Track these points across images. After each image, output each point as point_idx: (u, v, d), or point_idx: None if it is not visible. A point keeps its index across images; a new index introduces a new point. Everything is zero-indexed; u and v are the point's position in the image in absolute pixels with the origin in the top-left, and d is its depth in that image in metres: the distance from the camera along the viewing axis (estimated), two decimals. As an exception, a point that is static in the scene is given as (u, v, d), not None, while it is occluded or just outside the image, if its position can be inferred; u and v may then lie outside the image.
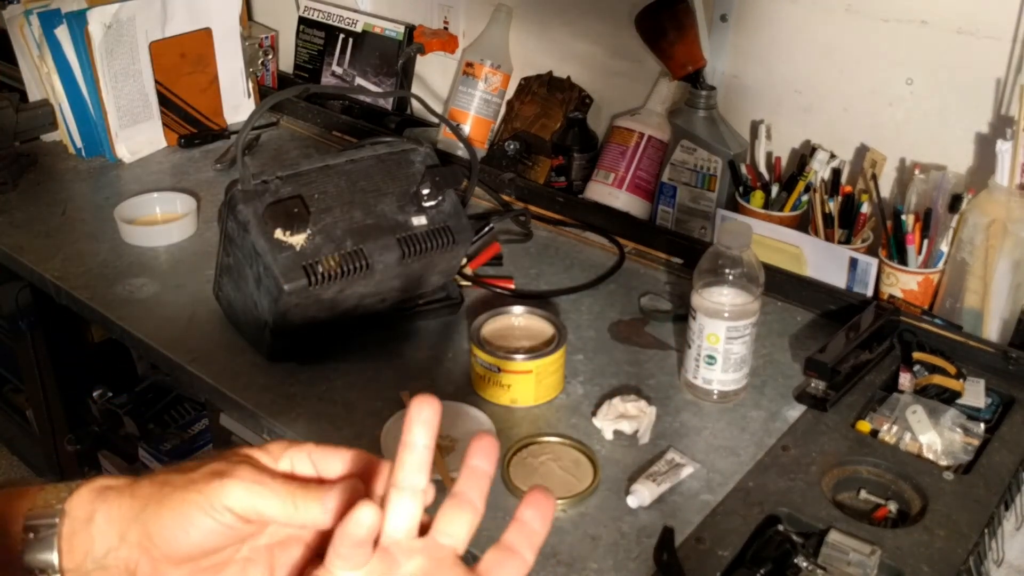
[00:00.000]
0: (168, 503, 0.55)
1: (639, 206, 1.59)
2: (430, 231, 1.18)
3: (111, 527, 0.56)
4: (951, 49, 1.29)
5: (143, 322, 1.28)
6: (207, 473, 0.55)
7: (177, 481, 0.55)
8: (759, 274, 1.10)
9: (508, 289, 1.35)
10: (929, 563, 0.90)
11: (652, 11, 1.50)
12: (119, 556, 0.56)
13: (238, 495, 0.54)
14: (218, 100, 1.88)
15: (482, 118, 1.79)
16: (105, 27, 1.63)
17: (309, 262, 1.10)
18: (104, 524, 0.56)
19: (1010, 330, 1.23)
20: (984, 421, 1.10)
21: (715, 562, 0.91)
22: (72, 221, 1.55)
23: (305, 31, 2.06)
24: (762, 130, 1.48)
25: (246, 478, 0.54)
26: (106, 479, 0.58)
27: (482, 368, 1.12)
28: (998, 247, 1.19)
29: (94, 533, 0.56)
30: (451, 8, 1.85)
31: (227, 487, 0.54)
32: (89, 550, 0.56)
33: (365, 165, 1.20)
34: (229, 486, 0.54)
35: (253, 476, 0.55)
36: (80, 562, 0.56)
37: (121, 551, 0.56)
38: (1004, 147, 1.19)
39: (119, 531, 0.56)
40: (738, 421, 1.11)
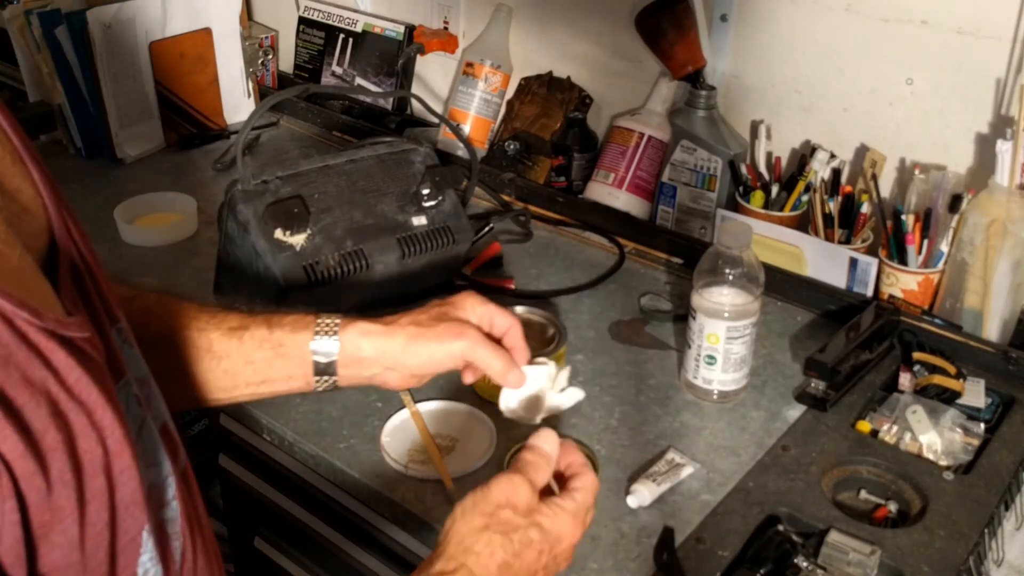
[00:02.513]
0: (423, 348, 0.85)
1: (639, 206, 1.59)
2: (430, 231, 1.18)
3: (376, 358, 0.86)
4: (951, 49, 1.29)
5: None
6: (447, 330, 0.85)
7: (427, 334, 0.85)
8: (759, 274, 1.10)
9: (508, 289, 1.35)
10: (929, 563, 0.90)
11: (652, 11, 1.50)
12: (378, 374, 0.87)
13: (467, 350, 0.85)
14: (218, 100, 1.88)
15: (482, 118, 1.79)
16: (105, 27, 1.63)
17: (309, 262, 1.10)
18: (371, 355, 0.86)
19: (1010, 330, 1.23)
20: (984, 421, 1.10)
21: (715, 562, 0.91)
22: (72, 221, 1.55)
23: (305, 31, 2.06)
24: (762, 130, 1.48)
25: (473, 339, 0.85)
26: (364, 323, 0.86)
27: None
28: (998, 247, 1.19)
29: (362, 359, 0.86)
30: (451, 8, 1.85)
31: (462, 344, 0.85)
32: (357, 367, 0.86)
33: (365, 165, 1.20)
34: (463, 344, 0.85)
35: (477, 338, 0.85)
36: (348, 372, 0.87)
37: (379, 371, 0.87)
38: (1004, 147, 1.19)
39: (381, 361, 0.86)
40: (738, 421, 1.11)
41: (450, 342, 0.85)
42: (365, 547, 1.12)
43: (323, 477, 1.07)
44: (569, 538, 0.74)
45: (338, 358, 0.86)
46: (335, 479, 1.05)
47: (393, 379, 0.88)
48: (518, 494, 0.73)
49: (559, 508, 0.74)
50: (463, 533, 0.72)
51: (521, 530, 0.72)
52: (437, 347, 0.85)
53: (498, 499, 0.73)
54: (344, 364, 0.86)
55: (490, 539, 0.71)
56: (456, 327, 0.86)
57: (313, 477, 1.11)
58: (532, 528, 0.72)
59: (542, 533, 0.72)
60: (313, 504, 1.16)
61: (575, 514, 0.75)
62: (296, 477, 1.15)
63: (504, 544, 0.71)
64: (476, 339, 0.85)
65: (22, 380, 0.47)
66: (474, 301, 0.89)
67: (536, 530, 0.72)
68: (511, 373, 0.86)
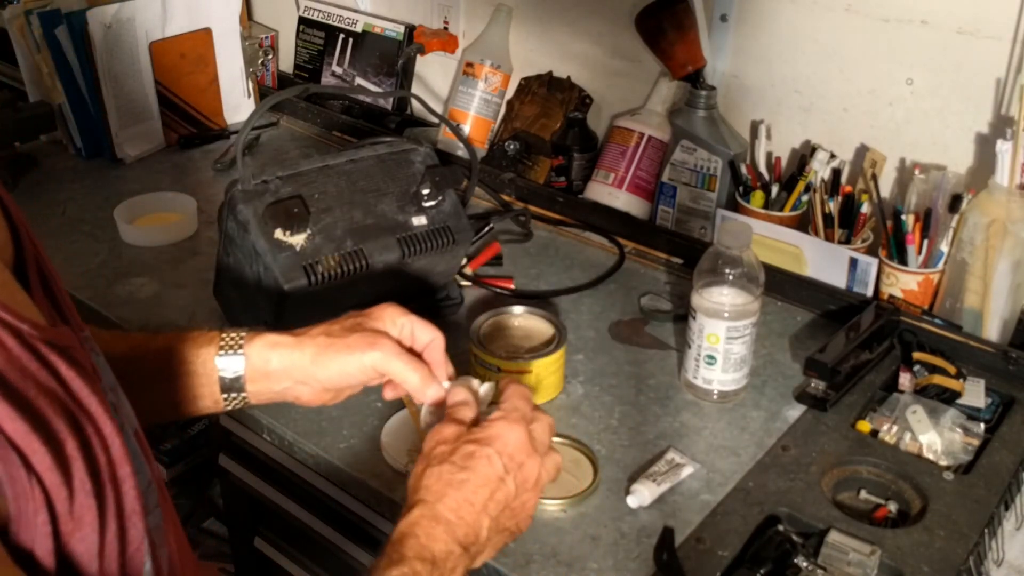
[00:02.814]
0: (333, 359, 0.82)
1: (639, 206, 1.59)
2: (430, 231, 1.18)
3: (284, 371, 0.83)
4: (951, 49, 1.29)
5: (143, 322, 1.28)
6: (359, 340, 0.82)
7: (337, 344, 0.82)
8: (759, 274, 1.10)
9: (508, 289, 1.35)
10: (929, 563, 0.90)
11: (652, 11, 1.50)
12: (288, 388, 0.84)
13: (381, 361, 0.81)
14: (218, 100, 1.88)
15: (482, 118, 1.79)
16: (105, 27, 1.63)
17: (309, 262, 1.10)
18: (279, 368, 0.83)
19: (1010, 330, 1.23)
20: (984, 421, 1.10)
21: (715, 562, 0.91)
22: (72, 221, 1.55)
23: (305, 31, 2.06)
24: (762, 130, 1.48)
25: (388, 350, 0.81)
26: (273, 335, 0.84)
27: (482, 368, 1.12)
28: (998, 247, 1.19)
29: (270, 373, 0.83)
30: (451, 8, 1.85)
31: (375, 355, 0.81)
32: (265, 382, 0.83)
33: (365, 165, 1.20)
34: (377, 354, 0.81)
35: (392, 349, 0.81)
36: (257, 388, 0.84)
37: (290, 385, 0.84)
38: (1004, 147, 1.19)
39: (290, 374, 0.83)
40: (738, 421, 1.11)
41: (362, 352, 0.82)
42: (365, 547, 1.12)
43: (323, 477, 1.07)
44: (510, 435, 0.75)
45: (245, 372, 0.83)
46: (335, 479, 1.05)
47: (305, 394, 0.85)
48: (443, 432, 0.76)
49: (488, 419, 0.77)
50: (411, 485, 0.75)
51: (458, 452, 0.74)
52: (348, 358, 0.82)
53: (429, 445, 0.76)
54: (252, 379, 0.84)
55: (431, 471, 0.74)
56: (369, 337, 0.83)
57: (313, 477, 1.11)
58: (466, 444, 0.74)
59: (479, 443, 0.74)
60: (313, 504, 1.16)
61: (504, 416, 0.77)
62: (296, 477, 1.15)
63: (447, 468, 0.73)
64: (390, 349, 0.82)
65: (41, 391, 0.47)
66: (394, 312, 0.86)
67: (471, 444, 0.74)
68: (429, 387, 0.83)
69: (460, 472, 0.73)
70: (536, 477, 0.77)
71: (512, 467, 0.75)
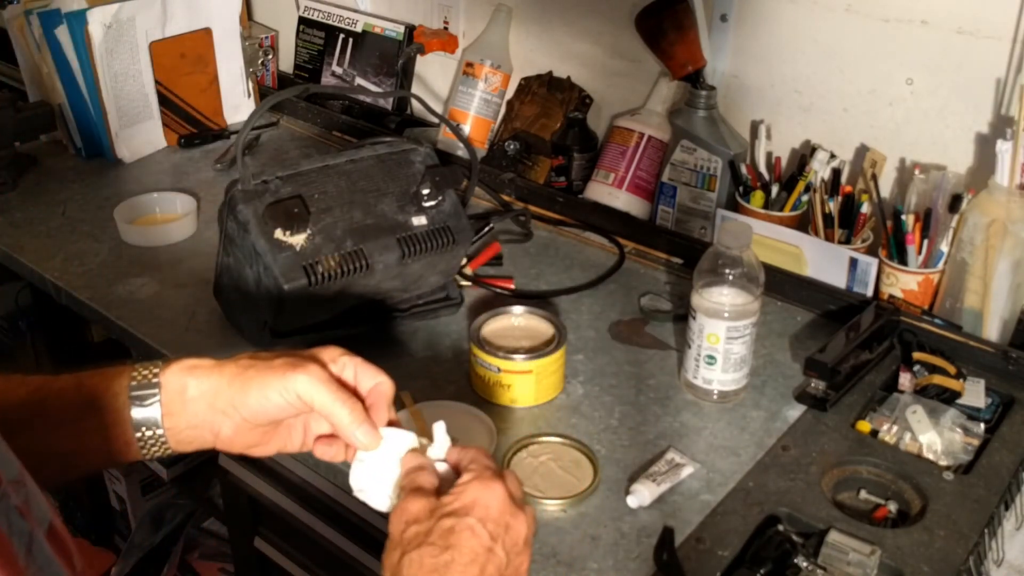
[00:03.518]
0: (253, 382, 0.72)
1: (639, 206, 1.59)
2: (430, 231, 1.18)
3: (203, 397, 0.73)
4: (951, 49, 1.29)
5: (143, 322, 1.28)
6: (285, 363, 0.73)
7: (260, 366, 0.73)
8: (759, 274, 1.10)
9: (508, 289, 1.35)
10: (929, 563, 0.90)
11: (652, 11, 1.50)
12: (208, 421, 0.74)
13: (306, 386, 0.71)
14: (218, 100, 1.88)
15: (482, 118, 1.78)
16: (105, 27, 1.63)
17: (309, 262, 1.10)
18: (196, 394, 0.73)
19: (1010, 330, 1.23)
20: (984, 421, 1.10)
21: (715, 562, 0.91)
22: (72, 221, 1.55)
23: (305, 31, 2.06)
24: (762, 130, 1.48)
25: (315, 375, 0.72)
26: (191, 359, 0.74)
27: (482, 368, 1.12)
28: (998, 247, 1.19)
29: (187, 401, 0.73)
30: (451, 8, 1.85)
31: (299, 378, 0.72)
32: (184, 415, 0.73)
33: (365, 165, 1.20)
34: (301, 378, 0.72)
35: (320, 375, 0.72)
36: (176, 423, 0.73)
37: (209, 416, 0.73)
38: (1004, 147, 1.19)
39: (209, 401, 0.73)
40: (738, 421, 1.11)
41: (285, 375, 0.72)
42: (365, 547, 1.12)
43: (323, 477, 1.07)
44: (490, 497, 0.68)
45: (161, 400, 0.72)
46: (335, 479, 1.05)
47: (227, 427, 0.74)
48: (410, 509, 0.68)
49: (460, 485, 0.69)
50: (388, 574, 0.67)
51: (435, 530, 0.66)
52: (270, 382, 0.72)
53: (398, 527, 0.68)
54: (169, 411, 0.73)
55: (410, 559, 0.66)
56: (296, 361, 0.73)
57: (313, 477, 1.11)
58: (444, 519, 0.67)
59: (456, 515, 0.67)
60: (313, 504, 1.16)
61: (479, 476, 0.69)
62: (296, 477, 1.15)
63: (427, 551, 0.65)
64: (318, 375, 0.72)
65: None
66: (335, 351, 0.77)
67: (448, 518, 0.67)
68: (359, 428, 0.73)
69: (443, 553, 0.65)
70: (525, 536, 0.70)
71: (499, 532, 0.68)
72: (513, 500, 0.70)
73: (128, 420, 0.72)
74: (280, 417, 0.75)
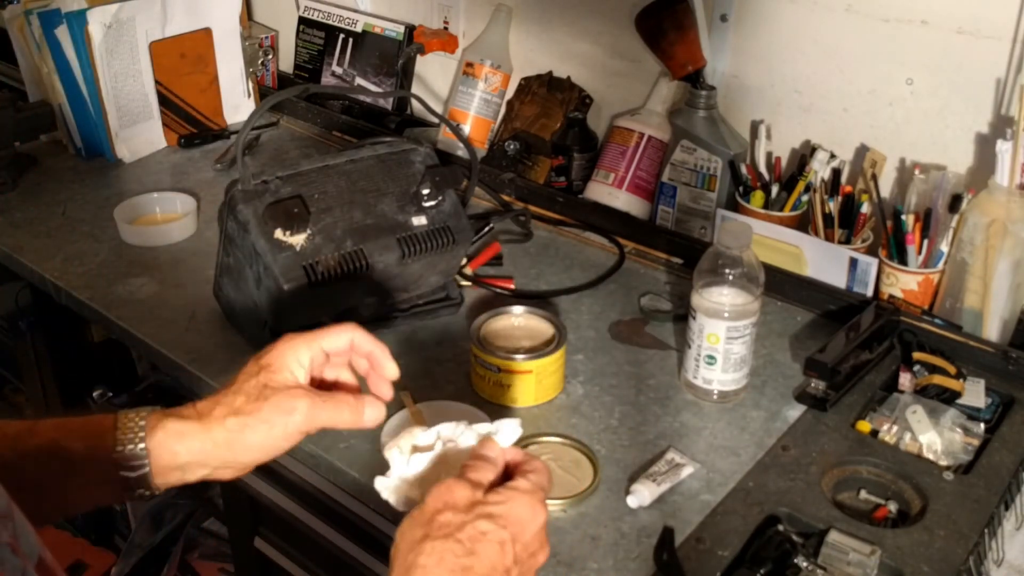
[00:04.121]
0: (251, 437, 0.74)
1: (639, 206, 1.59)
2: (430, 231, 1.18)
3: (199, 464, 0.74)
4: (951, 49, 1.29)
5: (143, 322, 1.28)
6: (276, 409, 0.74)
7: (251, 423, 0.73)
8: (759, 274, 1.10)
9: (508, 289, 1.35)
10: (929, 563, 0.90)
11: (652, 11, 1.50)
12: (209, 476, 0.75)
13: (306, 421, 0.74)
14: (218, 100, 1.88)
15: (482, 118, 1.78)
16: (105, 27, 1.63)
17: (309, 262, 1.10)
18: (191, 460, 0.73)
19: (1010, 330, 1.23)
20: (984, 421, 1.10)
21: (715, 562, 0.91)
22: (72, 221, 1.55)
23: (305, 31, 2.06)
24: (762, 130, 1.48)
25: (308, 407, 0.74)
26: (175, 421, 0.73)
27: (482, 368, 1.12)
28: (998, 247, 1.19)
29: (183, 467, 0.73)
30: (451, 8, 1.85)
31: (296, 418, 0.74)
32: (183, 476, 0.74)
33: (365, 165, 1.20)
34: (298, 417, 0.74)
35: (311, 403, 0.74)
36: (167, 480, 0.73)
37: (212, 473, 0.75)
38: (1004, 147, 1.19)
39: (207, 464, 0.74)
40: (738, 421, 1.11)
41: (283, 421, 0.74)
42: (365, 547, 1.12)
43: (323, 477, 1.07)
44: (532, 520, 0.66)
45: (151, 469, 0.72)
46: (335, 479, 1.05)
47: (228, 474, 0.77)
48: (454, 494, 0.66)
49: (511, 490, 0.66)
50: (404, 552, 0.64)
51: (468, 526, 0.64)
52: (269, 433, 0.74)
53: (435, 505, 0.65)
54: (160, 473, 0.73)
55: (433, 547, 0.63)
56: (282, 402, 0.74)
57: (313, 477, 1.11)
58: (480, 520, 0.64)
59: (495, 521, 0.64)
60: (313, 504, 1.16)
61: (531, 493, 0.67)
62: (296, 477, 1.15)
63: (452, 548, 0.63)
64: (308, 405, 0.75)
65: None
66: (292, 348, 0.77)
67: (486, 521, 0.64)
68: (365, 412, 0.77)
69: (465, 557, 0.63)
70: (540, 565, 0.69)
71: (523, 558, 0.66)
72: (545, 528, 0.68)
73: (117, 480, 0.71)
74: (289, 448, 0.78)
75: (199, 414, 0.74)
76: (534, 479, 0.68)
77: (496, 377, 1.11)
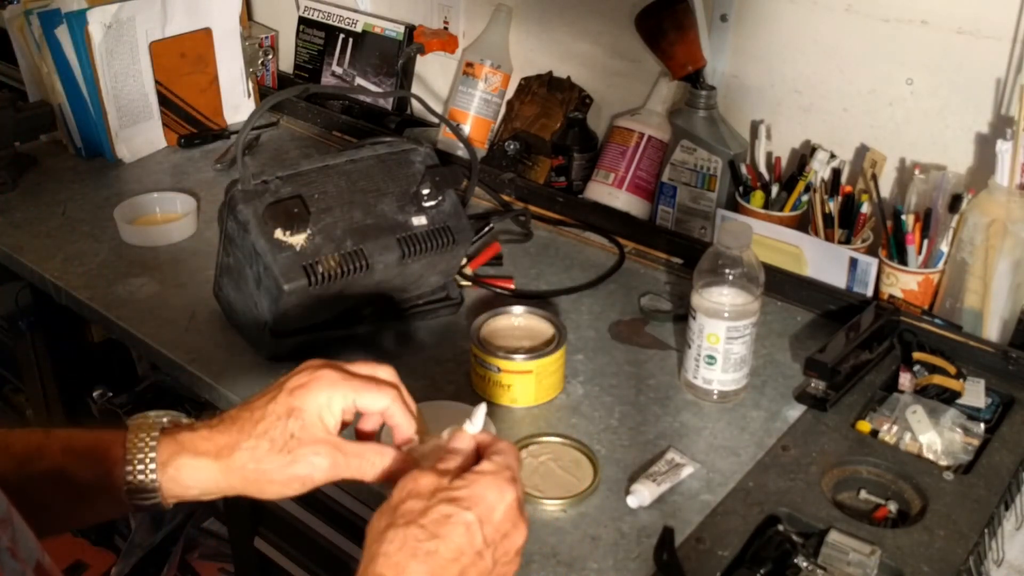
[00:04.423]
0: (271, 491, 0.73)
1: (639, 206, 1.59)
2: (430, 231, 1.18)
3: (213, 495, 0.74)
4: (951, 49, 1.29)
5: (143, 322, 1.28)
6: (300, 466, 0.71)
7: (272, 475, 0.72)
8: (759, 274, 1.10)
9: (508, 289, 1.35)
10: (929, 563, 0.90)
11: (652, 11, 1.50)
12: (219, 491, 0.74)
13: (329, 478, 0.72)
14: (218, 100, 1.88)
15: (482, 118, 1.79)
16: (105, 27, 1.63)
17: (309, 262, 1.10)
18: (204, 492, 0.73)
19: (1010, 330, 1.23)
20: (984, 421, 1.10)
21: (715, 562, 0.91)
22: (72, 221, 1.55)
23: (305, 31, 2.06)
24: (762, 130, 1.48)
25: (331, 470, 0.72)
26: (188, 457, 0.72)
27: (482, 368, 1.12)
28: (998, 247, 1.19)
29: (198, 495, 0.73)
30: (451, 8, 1.85)
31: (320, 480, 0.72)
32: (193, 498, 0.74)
33: (365, 165, 1.20)
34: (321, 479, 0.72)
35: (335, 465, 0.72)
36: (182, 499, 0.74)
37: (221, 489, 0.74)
38: (1004, 147, 1.19)
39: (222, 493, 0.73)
40: (738, 421, 1.11)
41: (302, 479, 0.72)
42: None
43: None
44: (499, 500, 0.65)
45: (161, 498, 0.72)
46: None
47: None
48: (419, 483, 0.65)
49: (475, 473, 0.65)
50: (369, 543, 0.64)
51: (431, 510, 0.63)
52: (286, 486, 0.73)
53: (399, 495, 0.65)
54: (172, 498, 0.73)
55: (395, 534, 0.62)
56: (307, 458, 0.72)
57: (313, 477, 1.11)
58: (442, 504, 0.63)
59: (458, 504, 0.63)
60: (313, 504, 1.16)
61: (494, 473, 0.66)
62: (296, 477, 1.15)
63: (415, 533, 0.62)
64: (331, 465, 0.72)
65: None
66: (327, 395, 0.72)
67: (448, 505, 0.63)
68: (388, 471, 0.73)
69: (428, 541, 0.62)
70: (519, 547, 0.67)
71: (495, 538, 0.64)
72: (520, 508, 0.67)
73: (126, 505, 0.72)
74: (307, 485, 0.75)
75: (217, 452, 0.72)
76: (498, 460, 0.68)
77: (496, 377, 1.11)
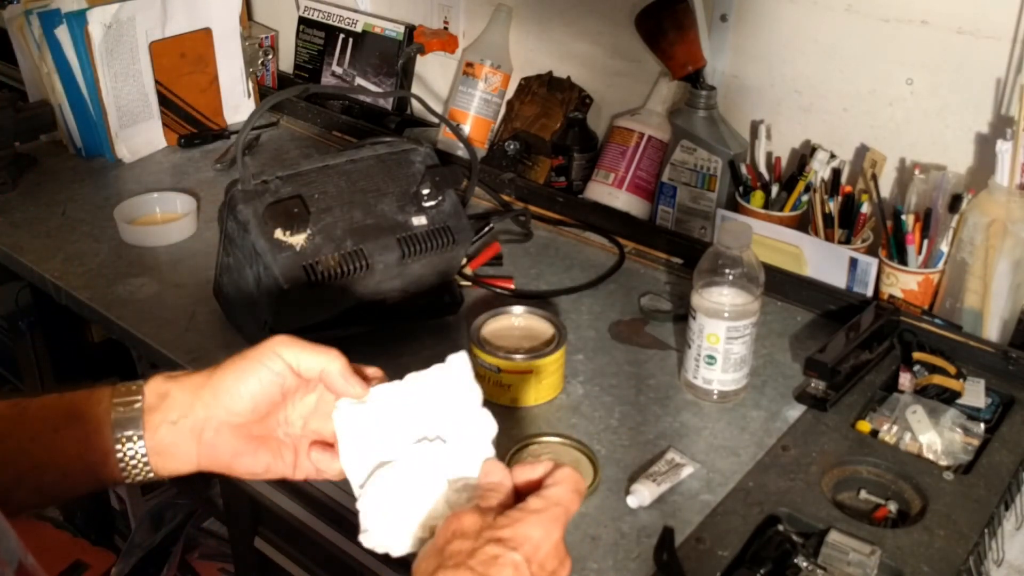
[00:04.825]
0: (231, 366, 0.75)
1: (639, 206, 1.59)
2: (430, 231, 1.18)
3: (184, 394, 0.74)
4: (951, 49, 1.29)
5: (143, 322, 1.28)
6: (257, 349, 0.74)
7: (235, 357, 0.75)
8: (759, 274, 1.10)
9: (508, 289, 1.35)
10: (929, 563, 0.90)
11: (652, 11, 1.50)
12: (189, 418, 0.74)
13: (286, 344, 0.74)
14: (218, 100, 1.88)
15: (482, 118, 1.79)
16: (105, 27, 1.63)
17: (309, 262, 1.10)
18: (178, 393, 0.74)
19: (1010, 330, 1.23)
20: (984, 421, 1.10)
21: (715, 562, 0.91)
22: (72, 221, 1.55)
23: (305, 31, 2.06)
24: (762, 130, 1.48)
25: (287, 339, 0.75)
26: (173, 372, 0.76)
27: (482, 368, 1.12)
28: (998, 247, 1.19)
29: (170, 402, 0.74)
30: (451, 8, 1.85)
31: (277, 341, 0.74)
32: (165, 415, 0.74)
33: (365, 165, 1.20)
34: (278, 340, 0.75)
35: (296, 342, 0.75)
36: (156, 425, 0.74)
37: (191, 413, 0.74)
38: (1004, 147, 1.19)
39: (191, 396, 0.74)
40: (738, 421, 1.11)
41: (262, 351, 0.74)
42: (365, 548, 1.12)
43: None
44: (545, 539, 0.65)
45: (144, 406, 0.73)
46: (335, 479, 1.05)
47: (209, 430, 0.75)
48: (463, 523, 0.65)
49: (520, 511, 0.66)
50: None
51: (479, 551, 0.63)
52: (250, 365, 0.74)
53: (445, 536, 0.65)
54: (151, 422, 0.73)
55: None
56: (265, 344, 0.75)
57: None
58: (489, 544, 0.63)
59: (505, 544, 0.63)
60: (313, 504, 1.16)
61: (541, 511, 0.66)
62: (296, 477, 1.15)
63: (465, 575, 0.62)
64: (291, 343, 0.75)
65: None
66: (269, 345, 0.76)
67: (495, 545, 0.63)
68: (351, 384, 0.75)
69: None
70: None
71: (540, 571, 0.65)
72: (564, 544, 0.67)
73: (108, 425, 0.72)
74: (265, 397, 0.75)
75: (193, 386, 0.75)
76: (549, 495, 0.67)
77: (496, 377, 1.11)
